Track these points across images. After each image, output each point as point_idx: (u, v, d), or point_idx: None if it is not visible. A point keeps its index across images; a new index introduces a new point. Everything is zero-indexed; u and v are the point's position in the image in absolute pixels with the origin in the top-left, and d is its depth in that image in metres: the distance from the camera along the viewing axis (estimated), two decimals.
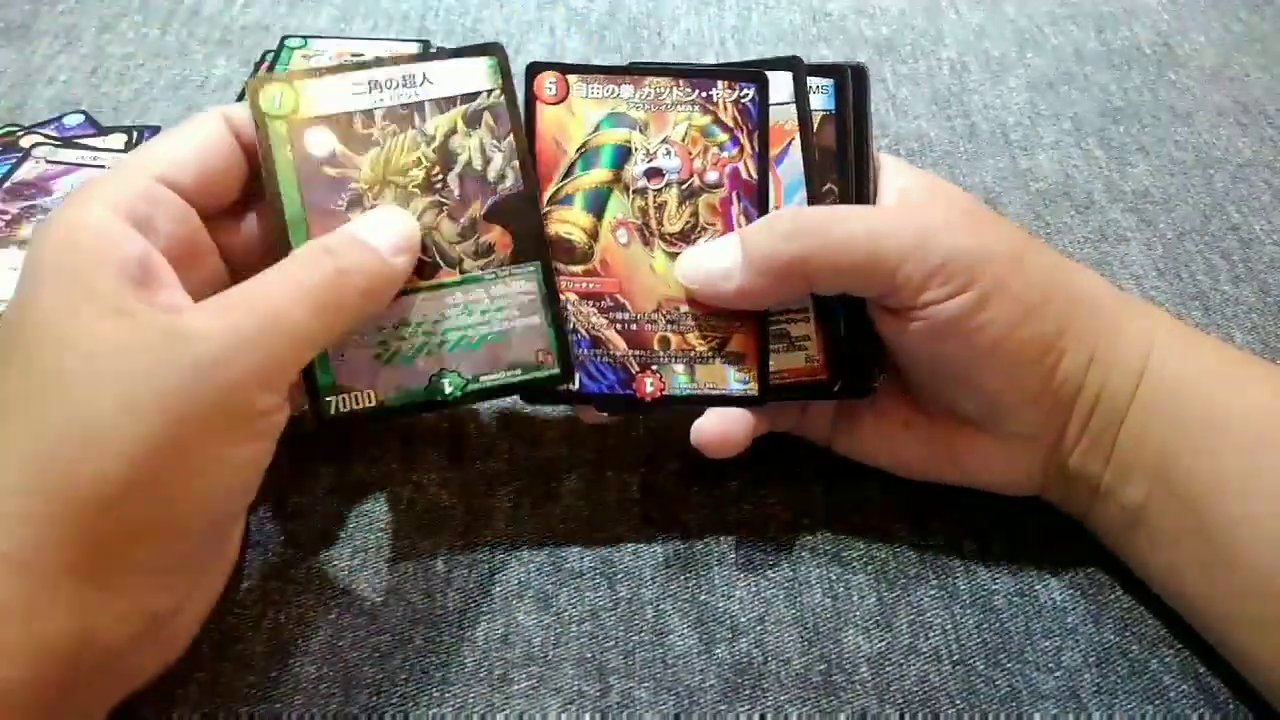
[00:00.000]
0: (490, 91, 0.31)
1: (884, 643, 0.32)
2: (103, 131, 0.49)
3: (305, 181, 0.30)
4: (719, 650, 0.32)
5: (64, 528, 0.24)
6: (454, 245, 0.31)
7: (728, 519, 0.35)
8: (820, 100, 0.33)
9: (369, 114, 0.30)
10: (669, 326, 0.32)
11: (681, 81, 0.32)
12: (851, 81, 0.33)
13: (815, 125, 0.33)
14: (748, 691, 0.31)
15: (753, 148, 0.32)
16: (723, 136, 0.32)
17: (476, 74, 0.31)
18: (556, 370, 0.31)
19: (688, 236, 0.32)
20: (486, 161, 0.31)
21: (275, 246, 0.29)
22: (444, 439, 0.37)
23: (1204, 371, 0.31)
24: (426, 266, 0.31)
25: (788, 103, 0.33)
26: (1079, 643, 0.32)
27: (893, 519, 0.35)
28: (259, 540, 0.34)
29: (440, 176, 0.31)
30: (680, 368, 0.32)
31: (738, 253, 0.31)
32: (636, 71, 0.32)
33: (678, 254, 0.32)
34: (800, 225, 0.30)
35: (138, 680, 0.27)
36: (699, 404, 0.32)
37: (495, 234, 0.31)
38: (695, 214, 0.32)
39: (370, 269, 0.28)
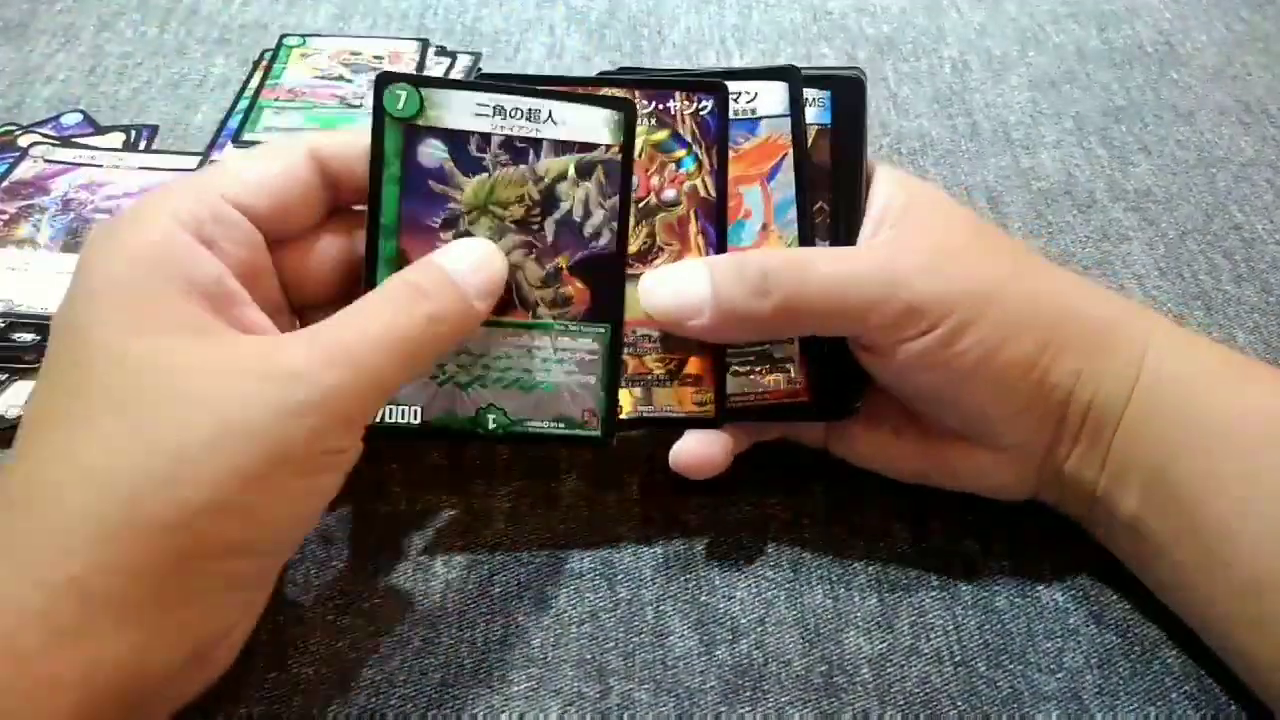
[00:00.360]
0: (609, 147, 0.30)
1: (885, 644, 0.32)
2: (100, 130, 0.49)
3: (407, 190, 0.30)
4: (719, 651, 0.31)
5: (138, 554, 0.23)
6: (534, 289, 0.31)
7: (728, 519, 0.35)
8: (816, 113, 0.32)
9: (485, 138, 0.30)
10: (626, 350, 0.32)
11: (638, 93, 0.31)
12: (847, 92, 0.32)
13: (810, 139, 0.32)
14: (748, 693, 0.30)
15: (711, 164, 0.31)
16: (680, 152, 0.31)
17: (601, 126, 0.30)
18: (598, 433, 0.31)
19: (644, 258, 0.31)
20: (587, 215, 0.30)
21: (366, 248, 0.30)
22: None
23: (1200, 373, 0.31)
24: (502, 302, 0.30)
25: (782, 115, 0.32)
26: (1081, 644, 0.32)
27: (893, 520, 0.35)
28: None
29: (538, 218, 0.30)
30: (638, 391, 0.32)
31: (706, 292, 0.30)
32: (594, 83, 0.31)
33: (635, 275, 0.31)
34: (770, 280, 0.29)
35: (180, 702, 0.27)
36: (656, 426, 0.32)
37: (576, 288, 0.31)
38: (652, 234, 0.32)
39: (457, 314, 0.28)
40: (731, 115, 0.32)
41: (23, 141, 0.47)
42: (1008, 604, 0.33)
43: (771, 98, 0.32)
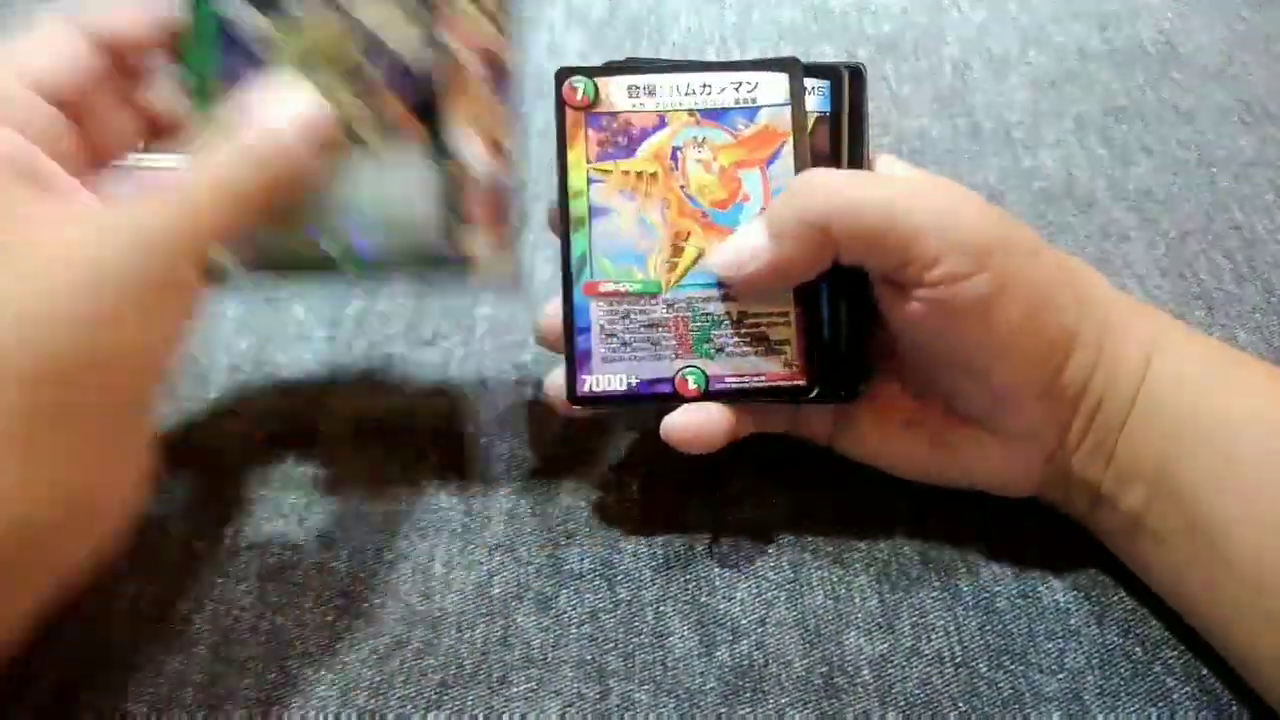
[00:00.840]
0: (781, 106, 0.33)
1: (886, 645, 0.32)
2: None
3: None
4: (720, 652, 0.31)
5: (8, 400, 0.24)
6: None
7: (728, 520, 0.35)
8: (815, 101, 0.33)
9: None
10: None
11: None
12: (849, 82, 0.33)
13: (810, 127, 0.33)
14: (749, 694, 0.30)
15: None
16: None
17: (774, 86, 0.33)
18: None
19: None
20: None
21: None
22: (443, 439, 0.37)
23: (1205, 373, 0.31)
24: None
25: (782, 104, 0.33)
26: (1082, 644, 0.32)
27: (894, 520, 0.35)
28: (256, 542, 0.34)
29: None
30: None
31: (763, 231, 0.30)
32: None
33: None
34: (817, 186, 0.30)
35: (65, 567, 0.27)
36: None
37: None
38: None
39: (275, 152, 0.29)
40: (733, 104, 0.33)
41: None
42: (1009, 605, 0.33)
43: (772, 88, 0.33)
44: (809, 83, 0.33)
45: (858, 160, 0.33)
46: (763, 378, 0.32)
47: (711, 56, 0.56)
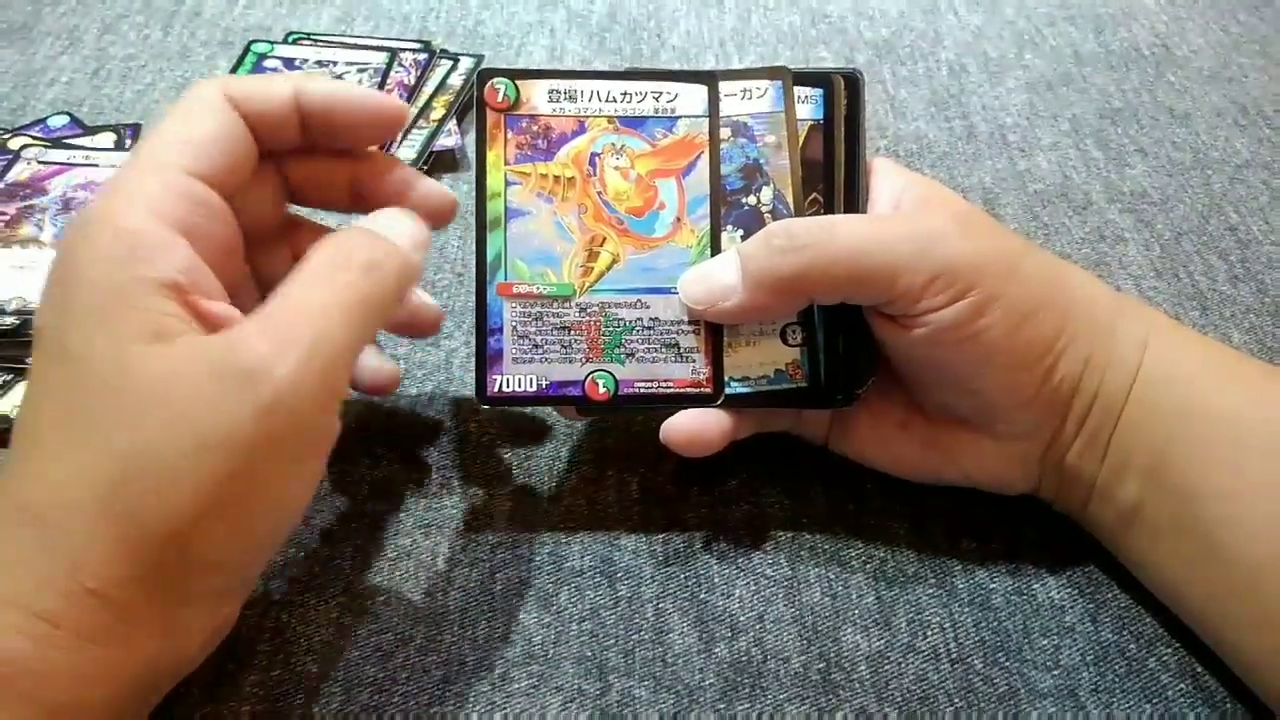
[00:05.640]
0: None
1: (882, 641, 0.32)
2: (89, 131, 0.49)
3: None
4: (718, 649, 0.32)
5: (139, 558, 0.24)
6: None
7: (727, 518, 0.35)
8: (808, 109, 0.33)
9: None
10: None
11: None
12: (846, 89, 0.33)
13: (803, 134, 0.33)
14: (747, 690, 0.31)
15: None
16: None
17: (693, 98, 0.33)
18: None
19: None
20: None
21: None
22: (445, 439, 0.37)
23: (1198, 371, 0.31)
24: None
25: (700, 116, 0.33)
26: (1077, 641, 0.32)
27: (891, 518, 0.35)
28: None
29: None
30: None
31: (736, 271, 0.31)
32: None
33: None
34: (796, 239, 0.30)
35: (188, 671, 0.27)
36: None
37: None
38: None
39: (394, 262, 0.27)
40: (652, 113, 0.33)
41: (13, 144, 0.47)
42: (1004, 601, 0.33)
43: (691, 99, 0.33)
44: (802, 91, 0.33)
45: (854, 167, 0.33)
46: (670, 384, 0.33)
47: (710, 61, 0.57)
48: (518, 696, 0.30)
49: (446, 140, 0.49)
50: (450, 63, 0.53)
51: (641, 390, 0.32)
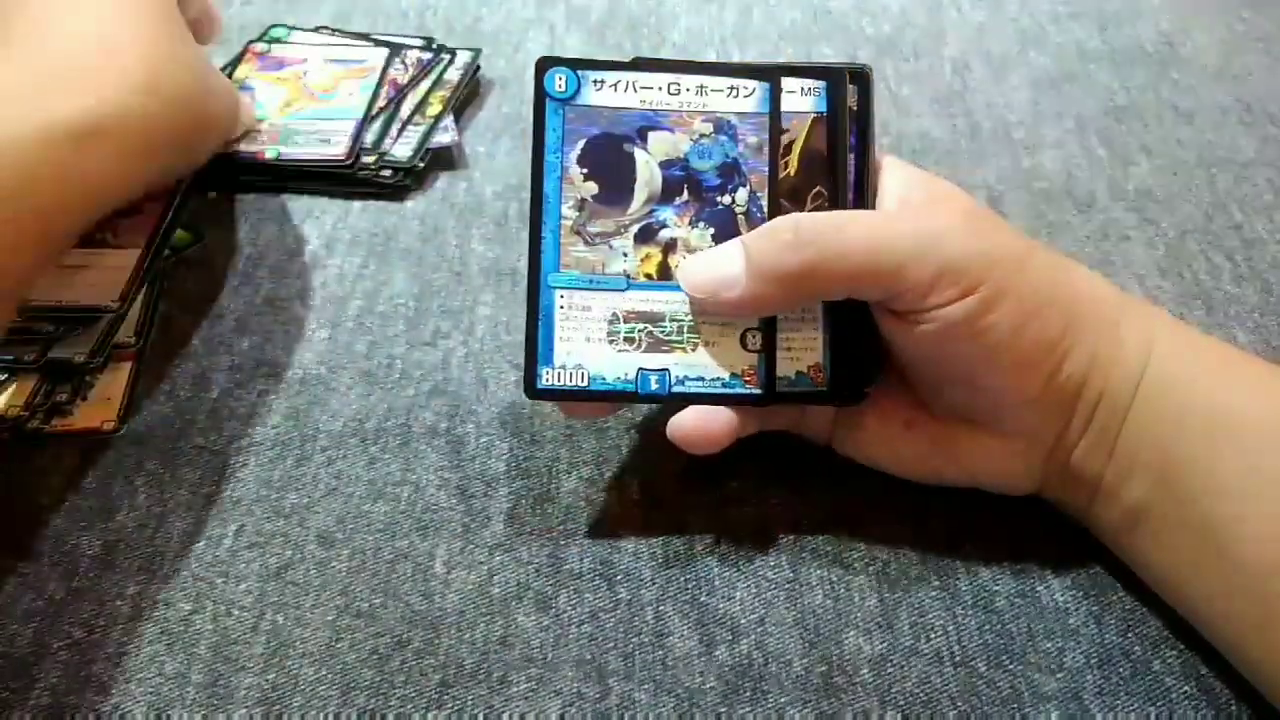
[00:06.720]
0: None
1: (885, 644, 0.32)
2: None
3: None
4: (719, 652, 0.31)
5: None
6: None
7: (728, 520, 0.35)
8: (811, 102, 0.33)
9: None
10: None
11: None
12: (855, 85, 0.33)
13: (806, 128, 0.33)
14: (748, 694, 0.30)
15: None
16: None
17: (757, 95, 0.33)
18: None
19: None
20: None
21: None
22: (443, 439, 0.37)
23: (1205, 370, 0.31)
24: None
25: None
26: (1081, 644, 0.32)
27: (894, 520, 0.35)
28: (257, 541, 0.34)
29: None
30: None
31: (741, 261, 0.30)
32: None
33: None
34: (802, 235, 0.30)
35: (197, 146, 0.40)
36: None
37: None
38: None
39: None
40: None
41: None
42: (1008, 604, 0.33)
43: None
44: (805, 84, 0.33)
45: (863, 164, 0.33)
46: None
47: (711, 57, 0.56)
48: (516, 700, 0.30)
49: (443, 137, 0.48)
50: (447, 57, 0.53)
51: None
